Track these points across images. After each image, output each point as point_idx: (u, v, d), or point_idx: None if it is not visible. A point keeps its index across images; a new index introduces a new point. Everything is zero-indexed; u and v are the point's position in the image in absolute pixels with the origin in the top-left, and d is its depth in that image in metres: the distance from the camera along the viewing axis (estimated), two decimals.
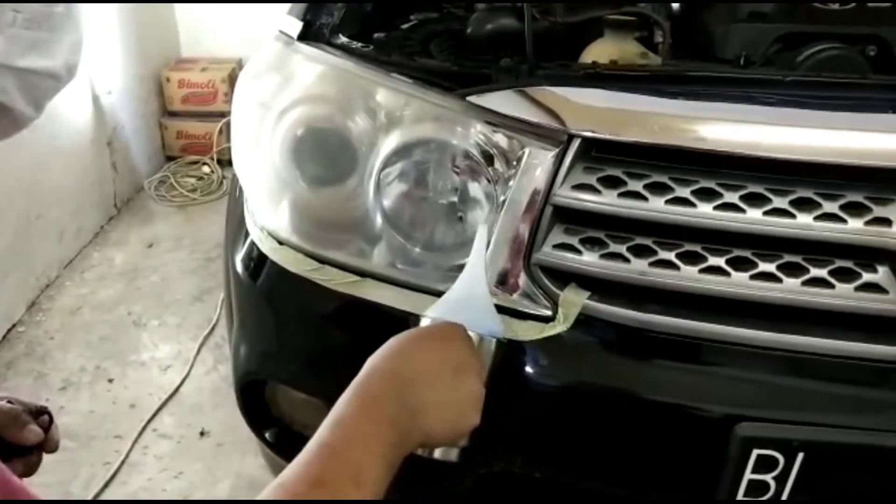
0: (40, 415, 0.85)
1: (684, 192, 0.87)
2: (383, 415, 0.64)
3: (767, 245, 0.88)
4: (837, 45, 1.04)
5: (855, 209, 0.85)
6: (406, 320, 0.96)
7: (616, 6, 1.16)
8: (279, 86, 1.01)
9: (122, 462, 1.80)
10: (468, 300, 0.80)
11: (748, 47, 1.07)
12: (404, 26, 1.17)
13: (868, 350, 0.87)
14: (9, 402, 0.84)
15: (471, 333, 0.76)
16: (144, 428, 1.90)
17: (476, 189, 0.94)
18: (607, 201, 0.88)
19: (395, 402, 0.65)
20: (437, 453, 0.77)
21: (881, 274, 0.86)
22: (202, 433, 1.89)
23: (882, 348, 0.87)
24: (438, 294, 0.96)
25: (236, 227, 1.15)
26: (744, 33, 1.08)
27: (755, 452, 0.86)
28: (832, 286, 0.86)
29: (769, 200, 0.86)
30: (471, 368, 0.71)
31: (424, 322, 0.79)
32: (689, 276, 0.88)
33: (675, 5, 1.19)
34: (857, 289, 0.86)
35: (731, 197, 0.86)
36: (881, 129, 0.85)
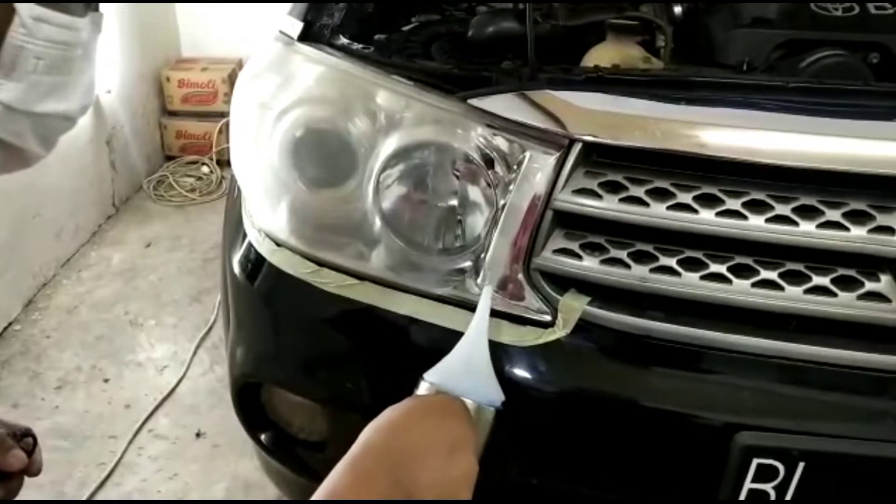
0: (24, 437, 0.83)
1: (686, 197, 0.86)
2: (376, 493, 0.63)
3: (769, 252, 0.87)
4: (840, 52, 1.03)
5: (858, 217, 0.84)
6: (406, 327, 0.96)
7: (618, 10, 1.16)
8: (279, 86, 1.01)
9: (117, 463, 1.79)
10: (468, 367, 0.79)
11: (750, 53, 1.06)
12: (405, 28, 1.17)
13: (870, 359, 0.86)
14: None
15: (468, 402, 0.75)
16: (140, 428, 1.89)
17: (476, 193, 0.94)
18: (608, 206, 0.88)
19: (388, 481, 0.64)
20: None
21: (884, 283, 0.86)
22: (198, 434, 1.88)
23: (884, 358, 0.86)
24: (437, 298, 0.96)
25: (234, 228, 1.14)
26: (746, 39, 1.08)
27: (755, 461, 0.85)
28: (834, 294, 0.86)
29: (771, 207, 0.85)
30: (466, 445, 0.70)
31: (423, 386, 0.78)
32: (690, 283, 0.88)
33: (678, 9, 1.18)
34: (860, 297, 0.86)
35: (733, 203, 0.85)
36: (885, 136, 0.84)
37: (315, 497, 0.61)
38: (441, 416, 0.71)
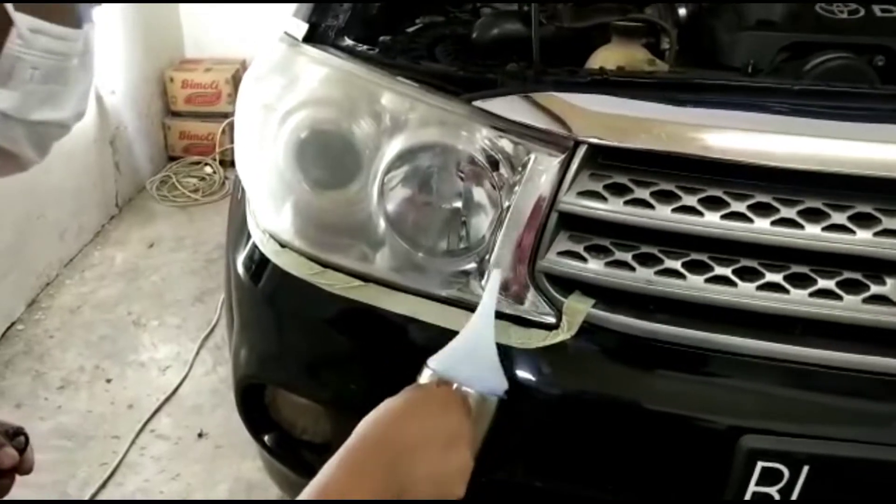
0: (16, 436, 0.83)
1: (691, 200, 0.86)
2: (370, 489, 0.63)
3: (775, 255, 0.87)
4: (845, 55, 1.03)
5: (864, 220, 0.84)
6: (405, 326, 0.96)
7: (623, 12, 1.16)
8: (284, 88, 1.01)
9: (119, 463, 1.79)
10: (472, 354, 0.78)
11: (755, 55, 1.06)
12: (410, 30, 1.17)
13: (875, 363, 0.86)
14: None
15: (471, 391, 0.75)
16: (142, 429, 1.89)
17: (480, 194, 0.94)
18: (613, 209, 0.87)
19: (383, 475, 0.64)
20: None
21: (889, 286, 0.85)
22: (200, 435, 1.88)
23: (889, 361, 0.86)
24: (441, 300, 0.96)
25: (238, 229, 1.14)
26: (751, 41, 1.08)
27: (760, 465, 0.85)
28: (840, 298, 0.86)
29: (777, 210, 0.85)
30: (462, 440, 0.70)
31: (426, 373, 0.77)
32: (695, 286, 0.88)
33: (683, 12, 1.18)
34: (865, 301, 0.85)
35: (739, 206, 0.85)
36: (890, 139, 0.84)
37: (308, 488, 0.61)
38: (438, 410, 0.71)
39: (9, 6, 0.48)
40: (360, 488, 0.62)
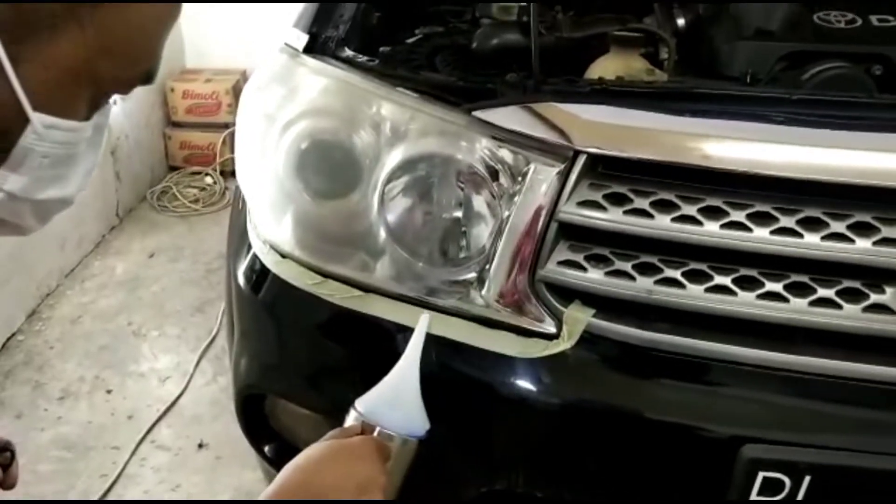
0: (3, 451, 0.84)
1: (691, 209, 0.86)
2: None
3: (774, 264, 0.87)
4: (843, 64, 1.04)
5: (863, 229, 0.84)
6: (405, 336, 0.96)
7: (622, 22, 1.16)
8: (284, 98, 1.01)
9: (120, 474, 1.79)
10: (396, 398, 0.83)
11: (753, 65, 1.07)
12: (410, 40, 1.17)
13: (875, 372, 0.86)
14: None
15: (392, 434, 0.80)
16: (142, 439, 1.88)
17: (480, 204, 0.94)
18: (613, 218, 0.88)
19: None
20: None
21: (889, 295, 0.85)
22: (200, 445, 1.87)
23: (890, 370, 0.86)
24: (441, 310, 0.96)
25: (239, 239, 1.15)
26: (749, 51, 1.08)
27: (761, 474, 0.85)
28: (839, 307, 0.86)
29: (776, 219, 0.85)
30: (375, 486, 0.76)
31: (352, 415, 0.83)
32: (694, 295, 0.88)
33: (681, 21, 1.19)
34: (865, 309, 0.85)
35: (738, 215, 0.86)
36: (889, 148, 0.85)
37: None
38: (353, 460, 0.77)
39: (27, 107, 0.51)
40: None
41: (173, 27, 0.57)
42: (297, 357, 1.08)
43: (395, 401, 0.83)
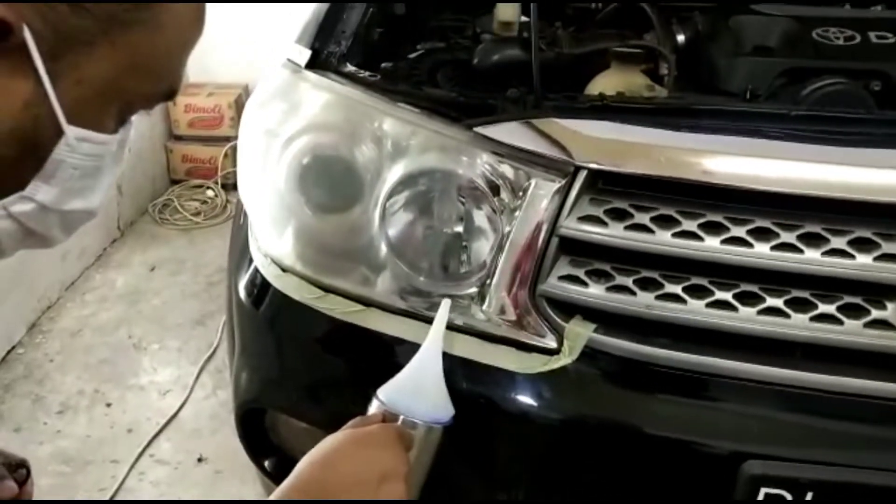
0: (18, 468, 0.84)
1: (691, 225, 0.87)
2: None
3: (775, 280, 0.87)
4: (842, 80, 1.04)
5: (863, 245, 0.84)
6: (406, 351, 0.96)
7: (622, 38, 1.17)
8: (286, 113, 1.02)
9: (118, 488, 1.78)
10: (419, 385, 0.81)
11: (753, 81, 1.07)
12: (411, 56, 1.18)
13: (877, 388, 0.86)
14: None
15: (417, 422, 0.77)
16: (142, 453, 1.87)
17: (481, 219, 0.94)
18: (613, 233, 0.88)
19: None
20: None
21: (890, 310, 0.85)
22: (200, 459, 1.86)
23: (891, 386, 0.85)
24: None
25: (240, 253, 1.15)
26: (749, 67, 1.09)
27: (763, 491, 0.85)
28: (840, 322, 0.86)
29: (777, 235, 0.85)
30: (397, 475, 0.73)
31: (374, 404, 0.80)
32: (695, 310, 0.88)
33: (681, 38, 1.20)
34: (866, 325, 0.85)
35: (739, 231, 0.86)
36: (889, 165, 0.85)
37: None
38: (373, 448, 0.74)
39: (62, 120, 0.55)
40: None
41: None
42: (298, 371, 1.08)
43: (418, 388, 0.80)
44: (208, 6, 0.62)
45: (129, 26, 0.54)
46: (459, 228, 0.95)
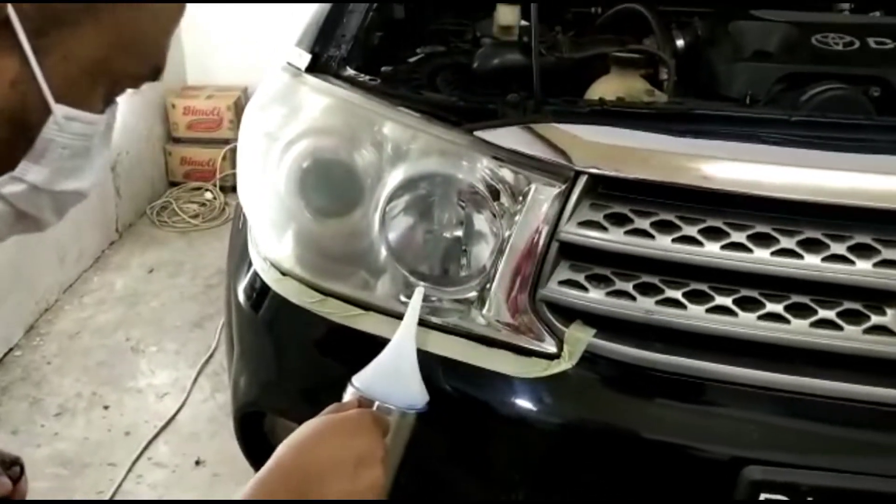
0: (12, 465, 0.84)
1: (691, 230, 0.87)
2: None
3: (775, 285, 0.87)
4: (841, 86, 1.04)
5: (863, 251, 0.84)
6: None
7: (622, 43, 1.17)
8: (286, 117, 1.02)
9: (116, 491, 1.77)
10: (393, 372, 0.81)
11: (752, 86, 1.08)
12: (411, 60, 1.18)
13: (876, 393, 0.86)
14: None
15: (392, 407, 0.78)
16: (139, 456, 1.87)
17: (481, 223, 0.94)
18: (614, 238, 0.88)
19: (293, 499, 0.68)
20: None
21: (889, 316, 0.85)
22: (198, 462, 1.86)
23: (891, 392, 0.86)
24: (441, 329, 0.96)
25: (239, 256, 1.15)
26: (748, 72, 1.09)
27: (763, 496, 0.85)
28: (840, 328, 0.86)
29: (777, 240, 0.85)
30: (374, 459, 0.74)
31: (349, 391, 0.81)
32: (695, 316, 0.88)
33: (680, 43, 1.20)
34: (866, 331, 0.85)
35: (739, 236, 0.86)
36: (889, 171, 0.85)
37: None
38: (349, 433, 0.74)
39: (50, 99, 0.55)
40: None
41: (174, 32, 0.62)
42: (297, 375, 1.08)
43: (393, 374, 0.81)
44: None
45: (113, 5, 0.55)
46: (459, 233, 0.95)
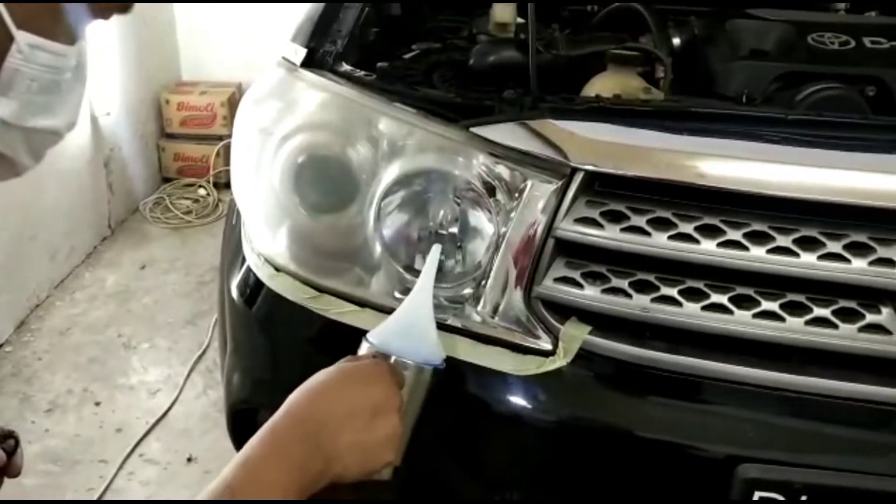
0: (6, 439, 0.83)
1: (687, 228, 0.87)
2: (292, 462, 0.65)
3: (771, 283, 0.87)
4: (837, 85, 1.05)
5: (859, 249, 0.84)
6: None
7: (619, 41, 1.17)
8: (281, 112, 1.01)
9: (107, 488, 1.76)
10: (410, 327, 0.80)
11: (749, 85, 1.08)
12: (407, 56, 1.18)
13: (871, 392, 0.86)
14: None
15: (408, 362, 0.76)
16: (131, 453, 1.86)
17: (477, 220, 0.94)
18: (610, 236, 0.88)
19: (307, 448, 0.66)
20: None
21: (885, 315, 0.86)
22: (189, 459, 1.85)
23: (885, 390, 0.86)
24: (436, 326, 0.95)
25: (233, 252, 1.14)
26: (744, 71, 1.09)
27: (757, 494, 0.85)
28: (835, 326, 0.86)
29: (773, 239, 0.85)
30: (389, 408, 0.71)
31: (364, 346, 0.79)
32: (691, 313, 0.88)
33: (677, 41, 1.20)
34: (861, 329, 0.86)
35: (735, 234, 0.86)
36: (884, 169, 0.85)
37: (233, 461, 0.63)
38: (364, 382, 0.72)
39: (11, 25, 0.53)
40: (282, 460, 0.64)
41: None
42: (291, 372, 1.07)
43: (409, 329, 0.79)
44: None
45: None
46: (455, 229, 0.94)
